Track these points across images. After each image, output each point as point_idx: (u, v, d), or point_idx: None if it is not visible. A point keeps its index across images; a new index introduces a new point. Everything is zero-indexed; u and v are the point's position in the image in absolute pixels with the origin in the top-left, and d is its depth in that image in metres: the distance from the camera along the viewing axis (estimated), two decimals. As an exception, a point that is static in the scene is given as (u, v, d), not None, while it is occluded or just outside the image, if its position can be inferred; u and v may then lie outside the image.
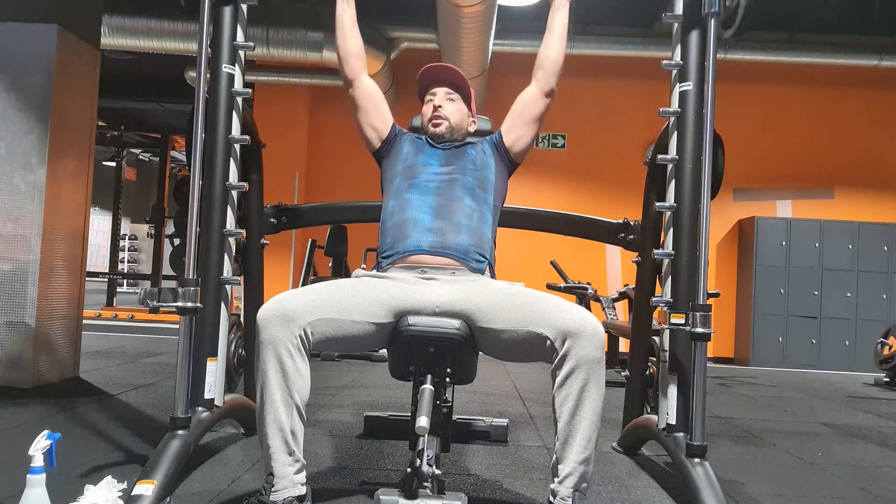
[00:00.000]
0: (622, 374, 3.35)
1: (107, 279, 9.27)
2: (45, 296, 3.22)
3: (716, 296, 2.35)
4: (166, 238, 8.61)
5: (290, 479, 1.54)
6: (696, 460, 1.88)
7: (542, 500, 1.88)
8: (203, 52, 1.91)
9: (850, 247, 6.30)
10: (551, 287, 4.76)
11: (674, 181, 2.13)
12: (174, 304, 1.81)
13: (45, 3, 3.26)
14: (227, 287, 2.12)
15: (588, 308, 4.65)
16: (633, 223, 2.61)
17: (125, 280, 14.71)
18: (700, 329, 1.85)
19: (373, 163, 2.08)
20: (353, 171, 6.39)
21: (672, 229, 2.12)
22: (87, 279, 3.67)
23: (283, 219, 2.59)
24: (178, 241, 7.97)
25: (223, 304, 2.10)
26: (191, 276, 1.85)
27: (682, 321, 1.90)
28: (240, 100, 2.12)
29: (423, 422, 1.47)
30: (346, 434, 2.62)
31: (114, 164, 9.73)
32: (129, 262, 15.65)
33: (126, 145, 9.72)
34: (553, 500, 1.55)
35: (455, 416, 2.42)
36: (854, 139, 6.70)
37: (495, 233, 1.95)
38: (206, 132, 2.00)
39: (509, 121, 2.03)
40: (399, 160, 1.97)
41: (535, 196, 6.32)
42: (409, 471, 1.48)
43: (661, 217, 2.28)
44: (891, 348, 5.05)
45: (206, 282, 2.04)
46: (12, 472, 1.88)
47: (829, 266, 6.30)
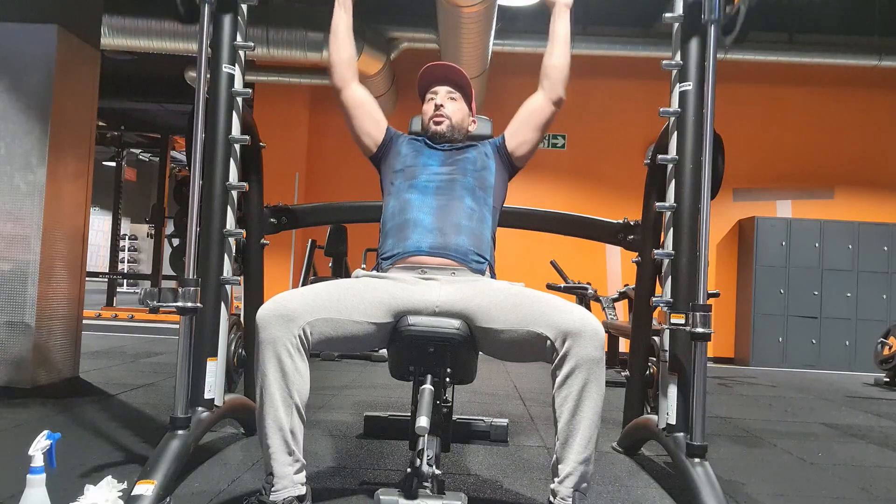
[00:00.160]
0: (622, 374, 3.36)
1: (107, 279, 9.27)
2: (45, 296, 3.22)
3: (716, 296, 2.35)
4: (166, 238, 8.61)
5: (290, 478, 1.54)
6: (697, 460, 1.88)
7: (542, 500, 1.88)
8: (203, 53, 1.91)
9: (850, 247, 6.30)
10: (551, 287, 4.76)
11: (674, 181, 2.13)
12: (174, 304, 1.81)
13: (45, 3, 3.26)
14: (227, 287, 2.12)
15: (588, 308, 4.65)
16: (633, 223, 2.61)
17: (125, 280, 14.72)
18: (700, 329, 1.85)
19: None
20: (353, 171, 6.39)
21: (672, 229, 2.12)
22: (87, 279, 3.67)
23: (282, 219, 2.59)
24: (176, 241, 7.97)
25: (223, 304, 2.10)
26: (191, 276, 1.85)
27: (682, 321, 1.90)
28: (240, 100, 2.12)
29: (423, 422, 1.47)
30: (346, 434, 2.62)
31: (114, 164, 9.74)
32: (129, 262, 15.65)
33: (126, 145, 9.73)
34: (553, 500, 1.55)
35: (455, 416, 2.42)
36: (854, 139, 6.70)
37: (495, 233, 1.95)
38: (206, 132, 2.01)
39: (513, 126, 2.01)
40: (398, 162, 1.97)
41: (535, 196, 6.31)
42: (409, 471, 1.47)
43: (661, 217, 2.28)
44: (891, 348, 5.05)
45: (206, 282, 2.04)
46: (12, 472, 1.88)
47: (829, 266, 6.30)
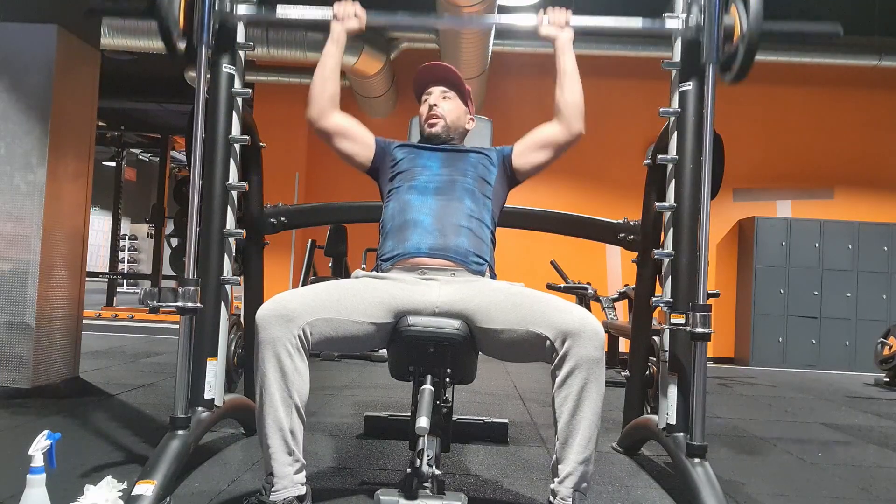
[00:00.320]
0: (622, 374, 3.35)
1: (107, 279, 9.27)
2: (45, 296, 3.22)
3: (716, 296, 2.35)
4: (165, 238, 8.61)
5: (290, 478, 1.54)
6: (696, 460, 1.88)
7: (542, 500, 1.88)
8: (203, 52, 1.91)
9: (850, 247, 6.30)
10: (551, 287, 4.76)
11: (674, 181, 2.13)
12: (174, 304, 1.81)
13: (45, 4, 3.26)
14: (227, 287, 2.12)
15: (588, 308, 4.65)
16: (633, 223, 2.61)
17: (125, 280, 14.72)
18: (700, 329, 1.85)
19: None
20: (353, 171, 6.26)
21: (672, 229, 2.12)
22: (87, 279, 3.67)
23: (282, 219, 2.59)
24: (174, 241, 7.96)
25: (223, 304, 2.10)
26: (191, 276, 1.85)
27: (682, 321, 1.90)
28: (240, 100, 2.12)
29: (423, 422, 1.47)
30: (346, 434, 2.62)
31: (114, 164, 9.74)
32: (129, 262, 15.66)
33: (126, 145, 9.72)
34: (553, 500, 1.55)
35: (455, 416, 2.42)
36: (854, 139, 6.70)
37: (495, 234, 1.95)
38: (206, 132, 2.00)
39: (524, 145, 1.97)
40: (395, 167, 1.96)
41: (535, 196, 6.26)
42: (409, 471, 1.47)
43: (661, 217, 2.28)
44: (891, 348, 5.05)
45: (206, 282, 2.04)
46: (12, 472, 1.88)
47: (829, 266, 6.30)
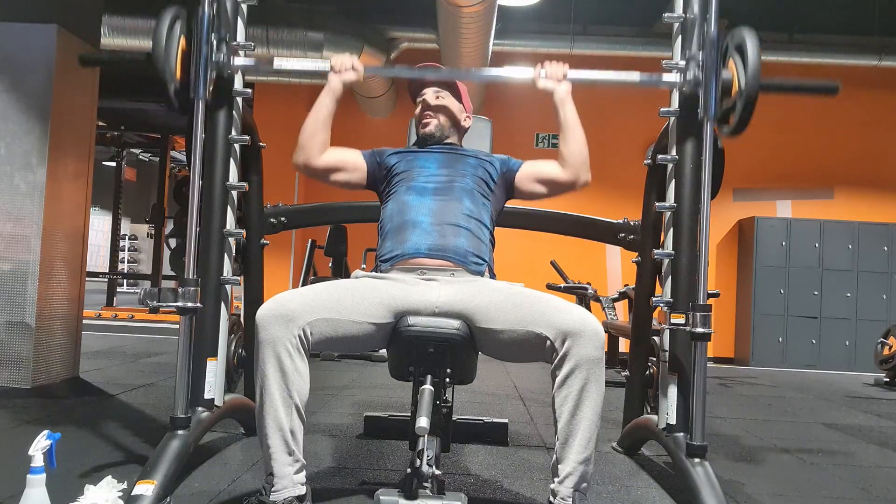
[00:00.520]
0: (622, 374, 3.35)
1: (107, 279, 9.26)
2: (45, 296, 3.22)
3: (716, 296, 2.35)
4: (165, 238, 8.59)
5: (290, 478, 1.54)
6: (696, 460, 1.88)
7: (542, 500, 1.88)
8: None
9: (850, 247, 6.30)
10: (551, 287, 4.76)
11: (674, 181, 2.13)
12: (174, 304, 1.81)
13: (45, 3, 3.26)
14: (227, 287, 2.12)
15: (588, 308, 4.65)
16: (633, 223, 2.60)
17: (125, 280, 14.71)
18: (700, 329, 1.85)
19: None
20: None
21: (672, 229, 2.12)
22: (87, 279, 3.67)
23: (282, 219, 2.59)
24: (173, 241, 7.93)
25: (223, 304, 2.10)
26: (191, 276, 1.85)
27: (682, 321, 1.90)
28: (240, 100, 2.12)
29: (423, 422, 1.47)
30: (346, 434, 2.62)
31: (114, 164, 9.71)
32: (129, 262, 15.65)
33: (126, 145, 9.70)
34: (553, 500, 1.55)
35: (455, 416, 2.42)
36: (854, 139, 6.70)
37: (494, 235, 1.94)
38: (206, 132, 2.00)
39: (531, 171, 1.96)
40: (392, 173, 1.95)
41: (535, 196, 6.30)
42: (409, 471, 1.47)
43: (661, 217, 2.28)
44: (891, 348, 5.04)
45: (206, 282, 2.04)
46: (12, 472, 1.88)
47: (829, 266, 6.30)
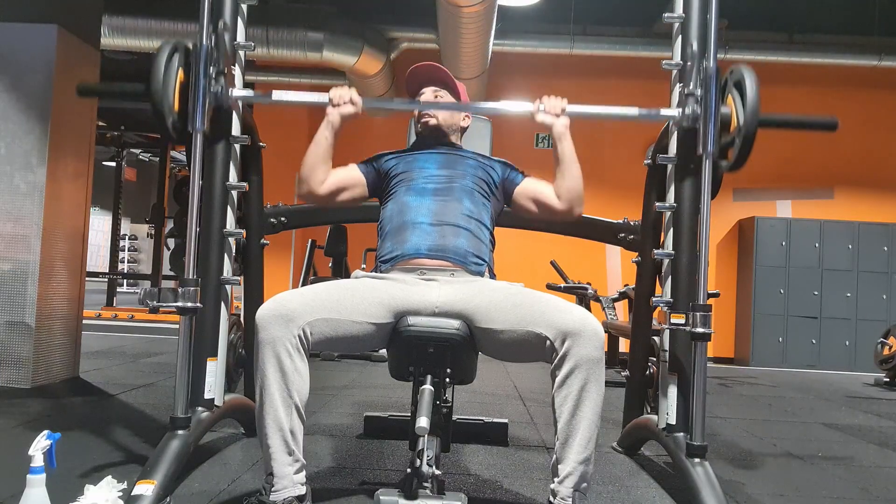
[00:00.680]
0: (622, 374, 3.35)
1: (107, 279, 9.25)
2: (45, 296, 3.22)
3: (716, 296, 2.35)
4: (165, 238, 8.59)
5: (290, 478, 1.54)
6: (696, 460, 1.88)
7: (542, 500, 1.88)
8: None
9: (850, 247, 6.30)
10: (551, 287, 4.76)
11: (674, 181, 2.13)
12: (174, 304, 1.81)
13: (45, 3, 3.26)
14: (227, 287, 2.12)
15: (588, 308, 4.65)
16: (633, 223, 2.60)
17: (125, 280, 14.70)
18: (700, 329, 1.85)
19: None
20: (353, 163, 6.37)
21: (672, 229, 2.12)
22: (87, 279, 3.67)
23: (282, 219, 2.59)
24: (171, 240, 7.92)
25: (223, 304, 2.10)
26: (191, 276, 1.85)
27: (682, 321, 1.90)
28: (240, 102, 2.12)
29: (423, 422, 1.47)
30: (346, 434, 2.62)
31: (114, 164, 9.71)
32: (129, 262, 15.64)
33: (126, 145, 9.69)
34: (553, 500, 1.55)
35: (455, 416, 2.42)
36: (854, 139, 6.69)
37: (494, 235, 1.94)
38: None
39: (529, 189, 1.95)
40: (390, 175, 1.96)
41: (535, 196, 6.30)
42: (409, 471, 1.47)
43: (661, 217, 2.27)
44: (891, 348, 5.05)
45: (206, 282, 2.04)
46: (12, 472, 1.88)
47: (829, 266, 6.30)
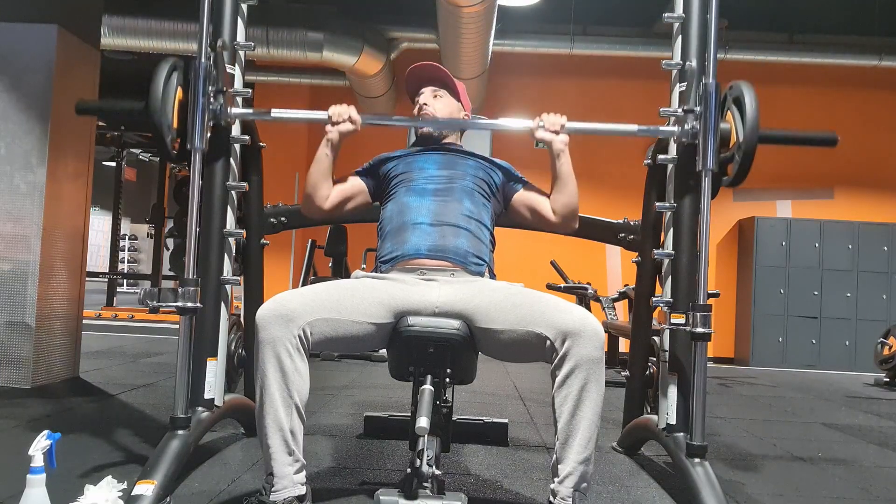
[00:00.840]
0: (622, 374, 3.35)
1: (107, 279, 9.25)
2: (45, 296, 3.22)
3: (716, 296, 2.34)
4: (164, 238, 8.58)
5: (290, 478, 1.54)
6: (696, 460, 1.88)
7: (542, 500, 1.88)
8: (203, 52, 1.91)
9: (850, 247, 6.30)
10: (551, 287, 4.76)
11: (674, 181, 2.13)
12: (174, 304, 1.81)
13: (45, 4, 3.26)
14: (227, 287, 2.12)
15: (588, 308, 4.65)
16: (633, 223, 2.60)
17: (125, 280, 14.70)
18: (700, 329, 1.85)
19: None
20: (352, 171, 6.37)
21: (672, 229, 2.12)
22: (87, 279, 3.67)
23: (282, 219, 2.59)
24: (171, 240, 7.91)
25: (223, 304, 2.10)
26: (191, 276, 1.85)
27: (682, 321, 1.90)
28: (240, 100, 2.12)
29: (423, 422, 1.47)
30: (346, 434, 2.62)
31: (114, 164, 9.71)
32: (129, 262, 15.64)
33: (126, 145, 9.69)
34: (553, 500, 1.55)
35: (455, 416, 2.42)
36: (854, 139, 6.68)
37: (494, 235, 1.94)
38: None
39: (527, 197, 1.97)
40: (390, 176, 1.96)
41: (535, 196, 6.30)
42: (409, 471, 1.47)
43: (661, 217, 2.28)
44: (891, 348, 5.05)
45: (206, 282, 2.04)
46: (12, 472, 1.88)
47: (829, 266, 6.30)
